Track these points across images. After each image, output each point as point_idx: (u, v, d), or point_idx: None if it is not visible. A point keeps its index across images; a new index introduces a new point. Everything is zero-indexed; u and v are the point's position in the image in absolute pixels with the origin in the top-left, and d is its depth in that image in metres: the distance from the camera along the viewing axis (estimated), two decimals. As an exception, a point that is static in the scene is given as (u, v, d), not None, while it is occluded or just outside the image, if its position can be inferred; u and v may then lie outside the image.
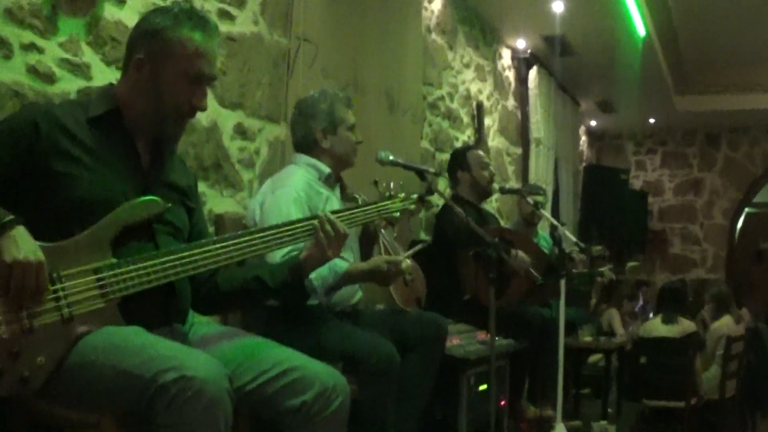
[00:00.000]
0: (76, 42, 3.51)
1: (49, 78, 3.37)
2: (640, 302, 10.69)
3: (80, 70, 3.52)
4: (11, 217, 2.19)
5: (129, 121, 2.59)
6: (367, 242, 4.09)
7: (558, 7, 7.66)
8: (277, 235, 2.67)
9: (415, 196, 3.24)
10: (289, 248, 3.12)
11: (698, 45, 9.67)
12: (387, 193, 3.19)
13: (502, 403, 5.11)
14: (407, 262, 3.87)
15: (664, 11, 8.41)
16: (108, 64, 3.65)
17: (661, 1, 8.20)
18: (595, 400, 7.45)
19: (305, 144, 3.98)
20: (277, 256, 3.20)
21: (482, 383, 4.85)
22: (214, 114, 4.27)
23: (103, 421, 2.28)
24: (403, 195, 3.18)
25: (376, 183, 3.44)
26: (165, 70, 2.55)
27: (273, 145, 4.75)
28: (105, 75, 3.56)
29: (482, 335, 5.01)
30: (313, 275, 3.16)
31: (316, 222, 2.74)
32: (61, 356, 2.26)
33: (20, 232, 2.20)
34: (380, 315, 4.17)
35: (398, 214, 3.14)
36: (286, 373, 2.51)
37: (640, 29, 8.17)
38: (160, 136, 2.65)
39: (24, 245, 2.18)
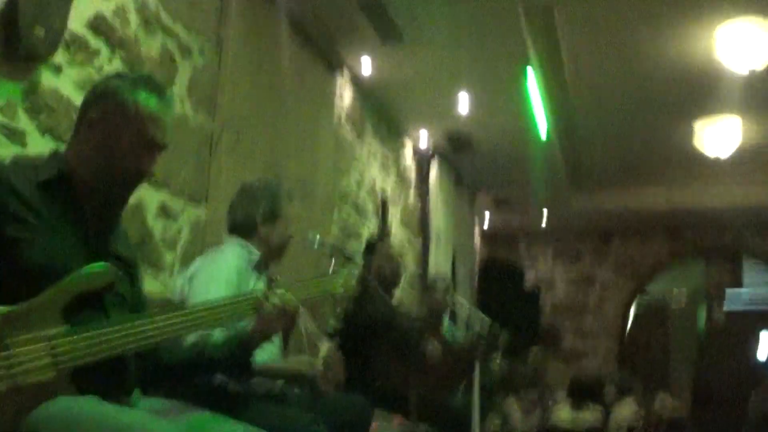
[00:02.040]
0: (13, 107, 3.49)
1: (-15, 142, 3.33)
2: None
3: (16, 136, 3.49)
4: None
5: (78, 187, 2.54)
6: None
7: (463, 105, 7.80)
8: (226, 308, 2.63)
9: (356, 272, 3.25)
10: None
11: (596, 144, 9.94)
12: (330, 270, 3.21)
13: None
14: (323, 361, 3.89)
15: (565, 106, 8.64)
16: (43, 133, 3.62)
17: (565, 101, 8.42)
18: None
19: (243, 226, 3.95)
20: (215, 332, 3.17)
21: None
22: (139, 192, 4.23)
23: None
24: (345, 271, 3.19)
25: (330, 255, 3.46)
26: (117, 131, 2.52)
27: (195, 227, 4.74)
28: (39, 143, 3.54)
29: (398, 420, 5.02)
30: None
31: (260, 296, 2.71)
32: (9, 429, 2.16)
33: None
34: (304, 398, 4.14)
35: (342, 290, 3.15)
36: None
37: (542, 128, 8.38)
38: (107, 200, 2.61)
39: None
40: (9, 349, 2.19)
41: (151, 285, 4.34)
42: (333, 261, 3.34)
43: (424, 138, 9.12)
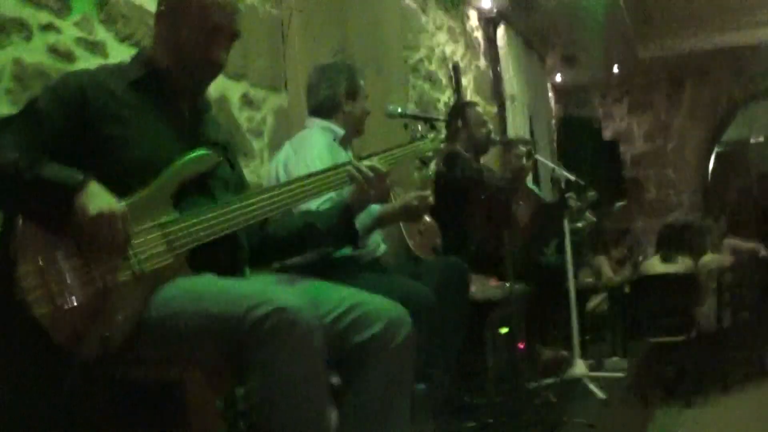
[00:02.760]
0: (90, 21, 3.56)
1: (69, 57, 3.42)
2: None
3: (96, 48, 3.58)
4: (84, 175, 2.22)
5: (165, 82, 2.63)
6: None
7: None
8: (324, 179, 2.73)
9: (442, 136, 3.31)
10: (328, 196, 3.20)
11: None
12: (417, 135, 3.26)
13: (521, 345, 5.21)
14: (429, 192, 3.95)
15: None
16: (121, 41, 3.71)
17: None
18: (598, 343, 7.57)
19: (327, 106, 4.05)
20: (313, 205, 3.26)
21: (502, 327, 4.95)
22: (220, 85, 4.33)
23: (190, 376, 2.33)
24: (432, 136, 3.23)
25: (405, 126, 3.51)
26: (181, 22, 2.58)
27: (278, 113, 4.83)
28: (119, 52, 3.62)
29: (493, 282, 5.11)
30: None
31: (349, 168, 2.79)
32: (138, 312, 2.27)
33: (97, 187, 2.23)
34: (404, 264, 4.26)
35: (431, 153, 3.22)
36: (351, 309, 2.55)
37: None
38: (194, 90, 2.69)
39: (104, 198, 2.22)
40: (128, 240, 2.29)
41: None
42: (419, 126, 3.38)
43: (487, 3, 9.04)
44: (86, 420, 2.43)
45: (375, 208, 3.66)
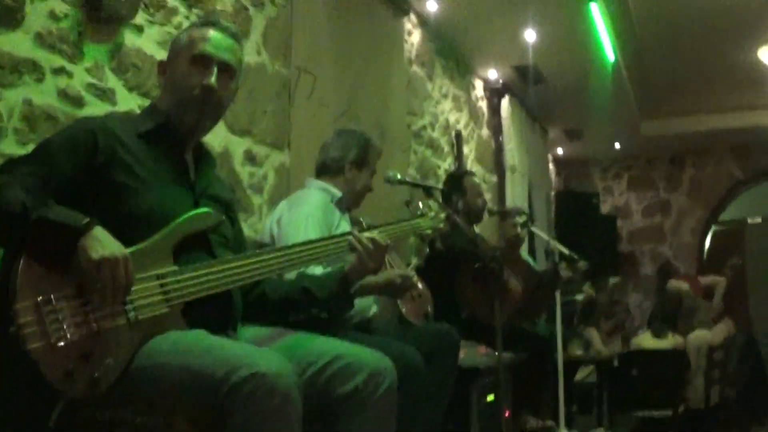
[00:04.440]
0: (101, 68, 3.67)
1: (78, 102, 3.51)
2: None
3: (105, 95, 3.67)
4: (89, 218, 2.26)
5: (174, 134, 2.73)
6: None
7: (530, 36, 7.82)
8: (324, 247, 2.82)
9: (443, 215, 3.38)
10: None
11: (662, 70, 9.92)
12: (418, 212, 3.33)
13: (507, 414, 5.24)
14: (414, 273, 4.04)
15: (631, 37, 8.65)
16: (130, 90, 3.81)
17: (629, 28, 8.43)
18: (585, 414, 7.59)
19: (332, 167, 4.17)
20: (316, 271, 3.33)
21: (488, 394, 4.99)
22: (225, 140, 4.42)
23: (175, 424, 2.31)
24: (432, 214, 3.31)
25: (407, 203, 3.59)
26: (177, 62, 2.74)
27: (279, 171, 4.91)
28: (127, 101, 3.72)
29: (482, 350, 5.16)
30: None
31: (350, 238, 2.87)
32: (128, 358, 2.30)
33: (101, 232, 2.26)
34: (394, 328, 4.31)
35: (430, 231, 3.28)
36: (334, 360, 2.59)
37: (610, 55, 8.38)
38: (185, 127, 2.75)
39: (108, 243, 2.25)
40: (126, 287, 2.33)
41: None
42: (420, 204, 3.45)
43: (493, 75, 9.18)
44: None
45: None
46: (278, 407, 2.20)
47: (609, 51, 8.31)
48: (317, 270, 3.38)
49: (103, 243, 2.24)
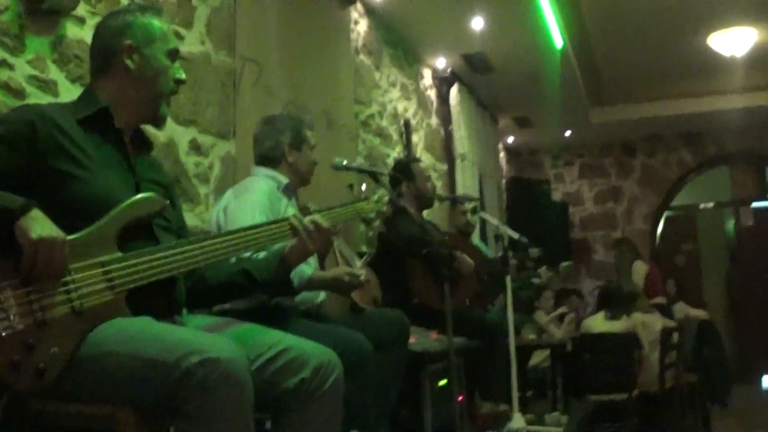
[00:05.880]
0: (43, 60, 3.63)
1: (20, 94, 3.47)
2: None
3: (48, 86, 3.64)
4: (27, 200, 2.23)
5: (118, 119, 2.71)
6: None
7: (477, 24, 7.83)
8: (267, 231, 2.81)
9: (386, 198, 3.39)
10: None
11: (611, 57, 9.98)
12: (362, 196, 3.33)
13: (460, 399, 5.26)
14: (363, 271, 4.05)
15: (579, 24, 8.69)
16: (72, 81, 3.77)
17: (577, 15, 8.47)
18: (540, 399, 7.64)
19: (270, 156, 4.16)
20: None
21: (440, 379, 5.00)
22: (170, 130, 4.39)
23: (119, 414, 2.28)
24: (375, 197, 3.32)
25: (351, 186, 3.59)
26: (152, 52, 2.74)
27: (225, 161, 4.89)
28: (70, 92, 3.68)
29: (434, 335, 5.17)
30: None
31: (294, 220, 2.87)
32: (74, 347, 2.27)
33: (39, 214, 2.24)
34: (343, 314, 4.32)
35: (373, 214, 3.29)
36: (281, 354, 2.59)
37: (558, 41, 8.41)
38: (153, 119, 2.81)
39: (46, 224, 2.23)
40: (70, 274, 2.31)
41: (188, 219, 4.48)
42: (363, 186, 3.46)
43: (442, 63, 9.19)
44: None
45: (306, 270, 3.75)
46: (231, 392, 2.20)
47: (557, 37, 8.35)
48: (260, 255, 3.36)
49: (41, 224, 2.23)
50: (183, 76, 2.81)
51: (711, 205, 14.51)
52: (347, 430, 3.37)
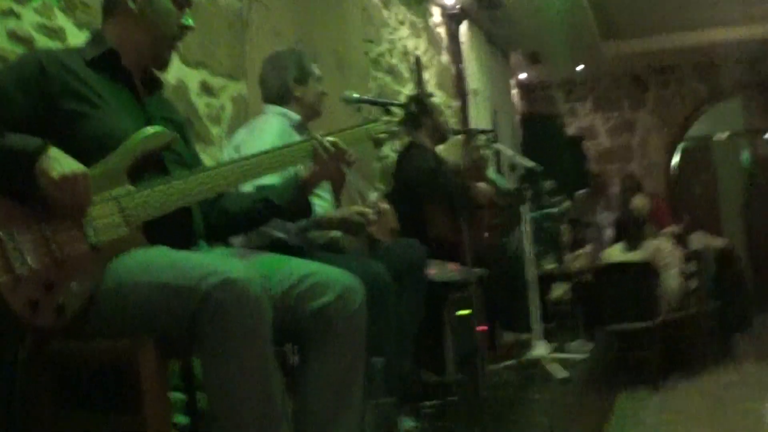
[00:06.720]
0: (49, 7, 3.61)
1: (29, 42, 3.45)
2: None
3: (56, 34, 3.61)
4: (43, 140, 2.26)
5: (126, 60, 2.72)
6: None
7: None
8: (279, 156, 2.81)
9: (396, 118, 3.37)
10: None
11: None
12: (372, 118, 3.32)
13: (482, 328, 5.27)
14: (379, 206, 4.05)
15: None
16: (80, 27, 3.74)
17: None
18: (562, 330, 7.66)
19: (278, 94, 4.15)
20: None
21: (461, 309, 5.01)
22: (179, 72, 4.38)
23: (140, 347, 2.31)
24: (386, 118, 3.29)
25: (359, 110, 3.58)
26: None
27: (236, 101, 4.89)
28: (78, 38, 3.65)
29: (453, 267, 5.18)
30: None
31: (314, 141, 2.88)
32: (94, 283, 2.30)
33: (57, 152, 2.27)
34: (360, 246, 4.33)
35: (385, 134, 3.28)
36: (304, 278, 2.59)
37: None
38: (156, 63, 2.82)
39: (66, 161, 2.26)
40: (83, 210, 2.33)
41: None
42: (372, 112, 3.45)
43: (450, 0, 9.14)
44: (36, 396, 2.44)
45: (321, 205, 3.76)
46: (251, 313, 2.22)
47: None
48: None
49: (61, 162, 2.25)
50: (190, 22, 2.81)
51: (725, 135, 14.42)
52: (370, 359, 3.40)
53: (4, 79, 2.51)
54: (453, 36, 9.47)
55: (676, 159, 13.93)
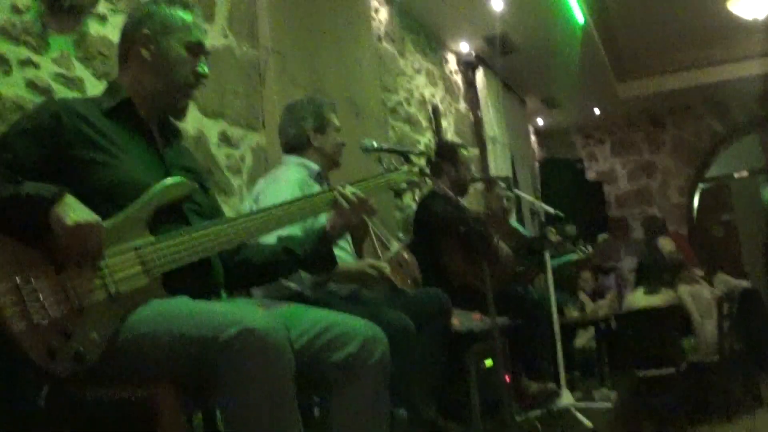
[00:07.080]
0: (67, 57, 3.64)
1: (47, 92, 3.48)
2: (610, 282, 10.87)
3: (74, 83, 3.65)
4: (59, 187, 2.25)
5: (141, 109, 2.70)
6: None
7: (497, 5, 7.80)
8: (300, 207, 2.77)
9: (417, 168, 3.33)
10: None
11: (634, 29, 9.90)
12: (392, 167, 3.29)
13: (507, 379, 5.20)
14: (401, 256, 4.01)
15: (601, 4, 8.63)
16: (98, 77, 3.77)
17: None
18: (587, 379, 7.58)
19: (297, 144, 4.13)
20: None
21: (486, 360, 4.95)
22: (198, 123, 4.39)
23: (159, 392, 2.27)
24: (406, 168, 3.26)
25: (380, 160, 3.54)
26: (169, 43, 2.71)
27: (256, 152, 4.89)
28: (96, 88, 3.68)
29: (476, 317, 5.12)
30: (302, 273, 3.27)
31: (335, 192, 2.85)
32: (112, 332, 2.28)
33: (73, 200, 2.26)
34: (383, 296, 4.28)
35: (405, 185, 3.24)
36: (327, 329, 2.55)
37: (579, 17, 8.35)
38: (171, 111, 2.79)
39: (80, 209, 2.24)
40: (104, 259, 2.32)
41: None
42: (392, 161, 3.41)
43: (465, 47, 9.15)
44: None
45: (341, 257, 3.73)
46: (270, 363, 2.18)
47: (578, 13, 8.28)
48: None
49: (76, 210, 2.24)
50: (205, 70, 2.77)
51: (745, 173, 14.34)
52: (394, 409, 3.33)
53: (21, 128, 2.50)
54: (469, 83, 9.49)
55: (696, 200, 13.85)
